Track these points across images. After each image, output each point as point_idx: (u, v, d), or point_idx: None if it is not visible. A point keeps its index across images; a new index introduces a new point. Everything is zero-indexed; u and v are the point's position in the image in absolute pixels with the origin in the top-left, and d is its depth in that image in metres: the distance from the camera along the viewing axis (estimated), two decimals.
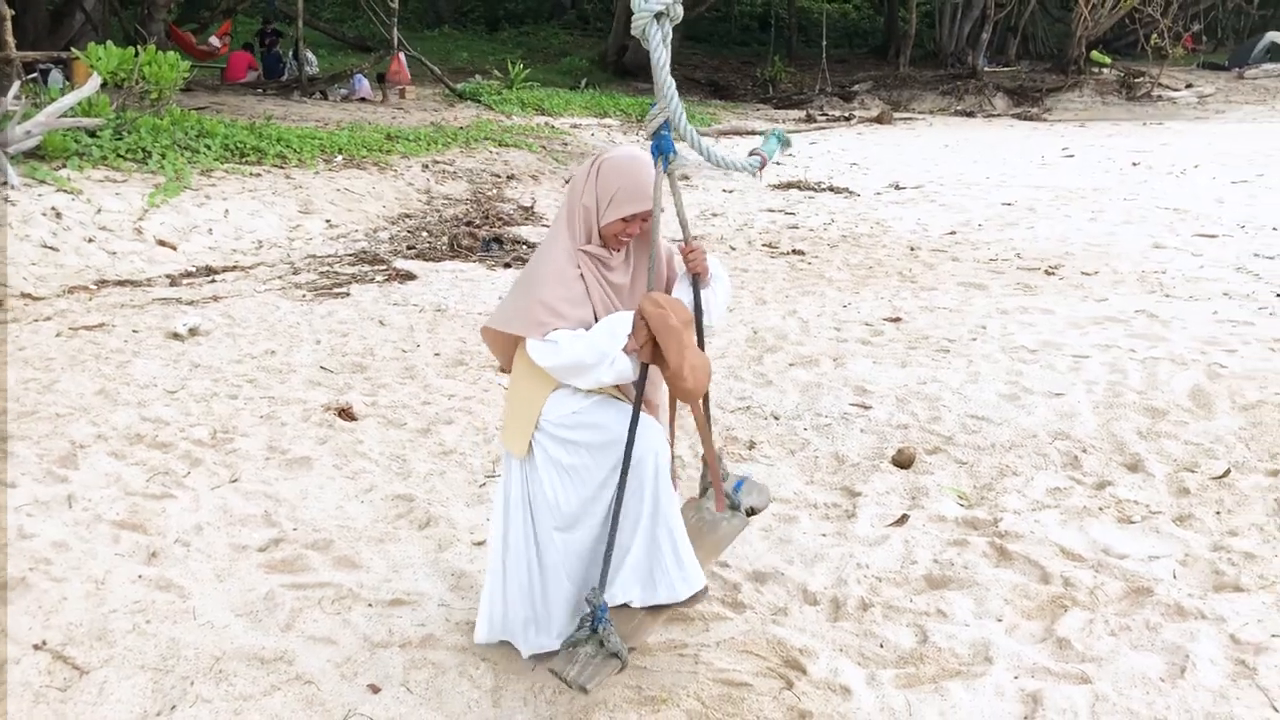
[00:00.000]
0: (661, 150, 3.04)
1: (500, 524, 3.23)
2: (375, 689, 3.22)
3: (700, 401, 3.23)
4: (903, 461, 4.94)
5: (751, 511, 3.56)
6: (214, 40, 22.09)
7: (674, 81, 3.00)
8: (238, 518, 4.38)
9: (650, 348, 2.95)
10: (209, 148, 11.96)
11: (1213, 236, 10.54)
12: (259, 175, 11.82)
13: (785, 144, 3.35)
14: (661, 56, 2.96)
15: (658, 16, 2.94)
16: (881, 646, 3.45)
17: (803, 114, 26.65)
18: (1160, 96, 29.34)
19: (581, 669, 2.90)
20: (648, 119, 3.07)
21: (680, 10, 2.97)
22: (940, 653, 3.40)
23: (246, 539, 4.20)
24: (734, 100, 28.86)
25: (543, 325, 2.96)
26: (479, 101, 21.30)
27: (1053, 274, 9.01)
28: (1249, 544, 4.10)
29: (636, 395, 3.00)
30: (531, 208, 12.56)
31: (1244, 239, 10.39)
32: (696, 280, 3.22)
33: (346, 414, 5.61)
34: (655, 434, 3.11)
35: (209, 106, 16.68)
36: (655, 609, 3.13)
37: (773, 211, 12.70)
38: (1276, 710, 3.06)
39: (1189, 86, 30.26)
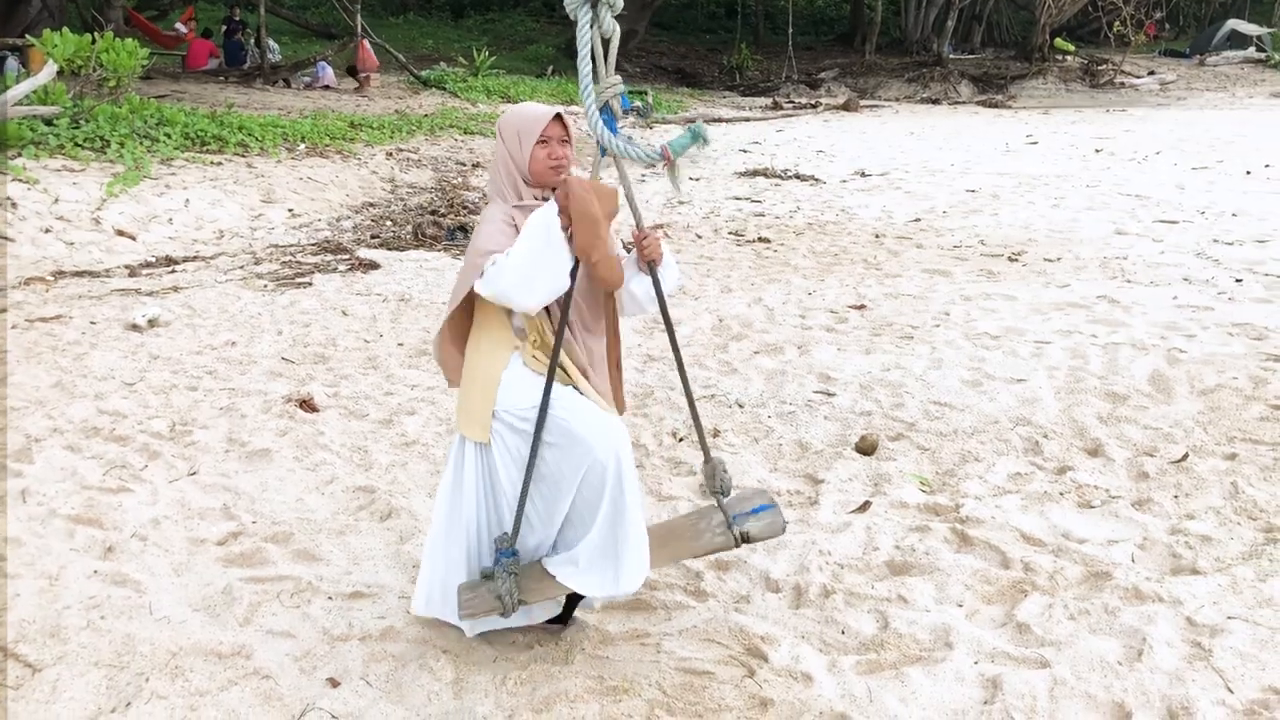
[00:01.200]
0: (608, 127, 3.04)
1: (446, 506, 3.23)
2: (334, 682, 3.19)
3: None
4: (865, 448, 4.95)
5: (745, 538, 3.32)
6: (180, 26, 21.80)
7: (589, 65, 2.98)
8: (196, 511, 4.33)
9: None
10: (169, 136, 11.80)
11: (1173, 223, 10.64)
12: (220, 164, 11.67)
13: (702, 141, 3.12)
14: (587, 39, 2.95)
15: (593, 3, 2.92)
16: (843, 633, 3.46)
17: (770, 101, 26.69)
18: (1123, 84, 29.63)
19: (471, 598, 3.12)
20: (585, 108, 3.03)
21: (610, 27, 2.95)
22: (901, 639, 3.41)
23: (205, 532, 4.15)
24: (701, 88, 28.82)
25: (478, 267, 2.98)
26: (444, 89, 21.16)
27: (1016, 260, 9.06)
28: (1206, 527, 4.14)
29: (555, 344, 3.01)
30: None
31: (1204, 225, 10.49)
32: (652, 267, 3.20)
33: (308, 405, 5.55)
34: (617, 434, 3.11)
35: (170, 95, 16.46)
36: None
37: (739, 199, 12.70)
38: (1231, 691, 3.09)
39: (1151, 74, 30.58)
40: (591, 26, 2.95)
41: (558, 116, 3.09)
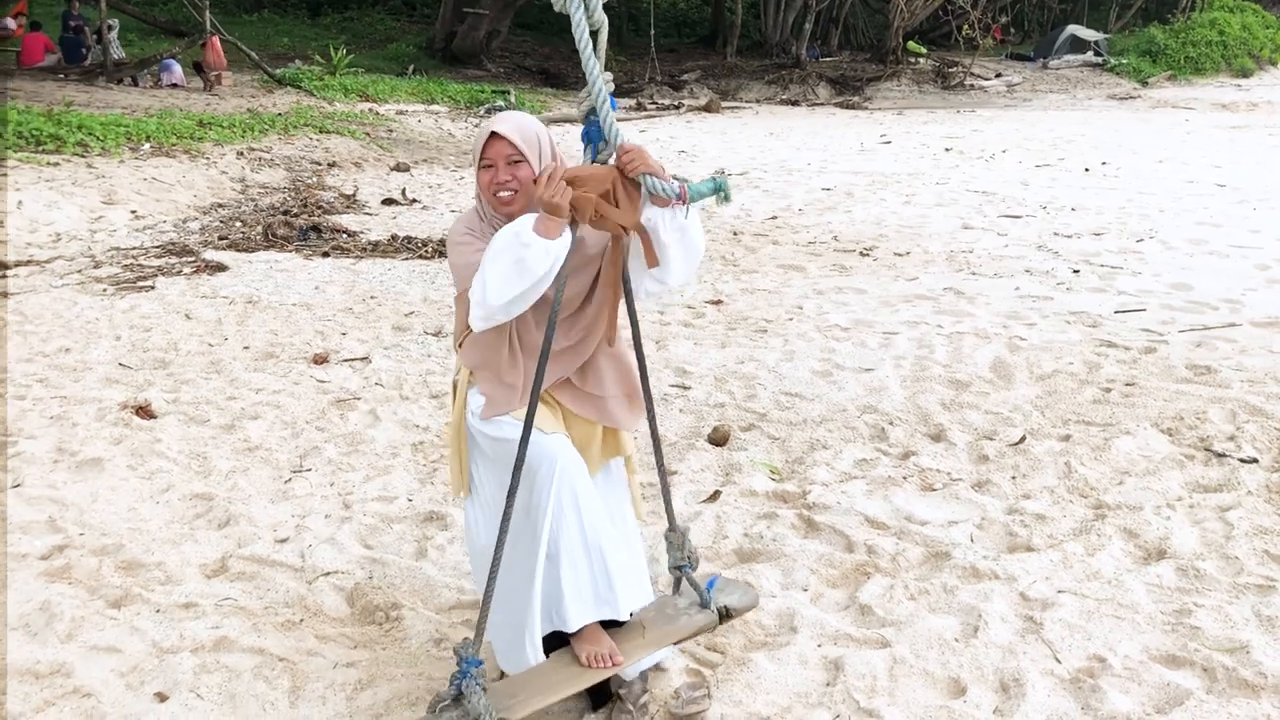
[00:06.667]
0: (590, 139, 2.76)
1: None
2: (162, 697, 3.05)
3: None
4: (718, 439, 4.99)
5: (727, 614, 3.04)
6: (8, 22, 20.71)
7: (598, 66, 2.68)
8: (18, 525, 4.10)
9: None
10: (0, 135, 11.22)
11: (1017, 217, 11.05)
12: (57, 164, 11.17)
13: (724, 196, 2.68)
14: (584, 39, 2.69)
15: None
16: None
17: (633, 102, 26.80)
18: (972, 85, 30.68)
19: None
20: (579, 103, 2.77)
21: (600, 18, 2.70)
22: (747, 624, 3.43)
23: (27, 547, 3.93)
24: (565, 88, 28.72)
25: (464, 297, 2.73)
26: (299, 88, 20.62)
27: (867, 255, 9.27)
28: (1040, 506, 4.29)
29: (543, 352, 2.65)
30: (354, 195, 12.22)
31: (1045, 219, 10.92)
32: (651, 188, 2.66)
33: (144, 412, 5.32)
34: (564, 444, 2.78)
35: (3, 92, 15.66)
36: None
37: None
38: (1059, 661, 3.20)
39: (998, 76, 31.74)
40: (586, 18, 2.69)
41: (494, 135, 2.74)
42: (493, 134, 2.75)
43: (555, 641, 2.84)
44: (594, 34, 2.70)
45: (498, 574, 2.63)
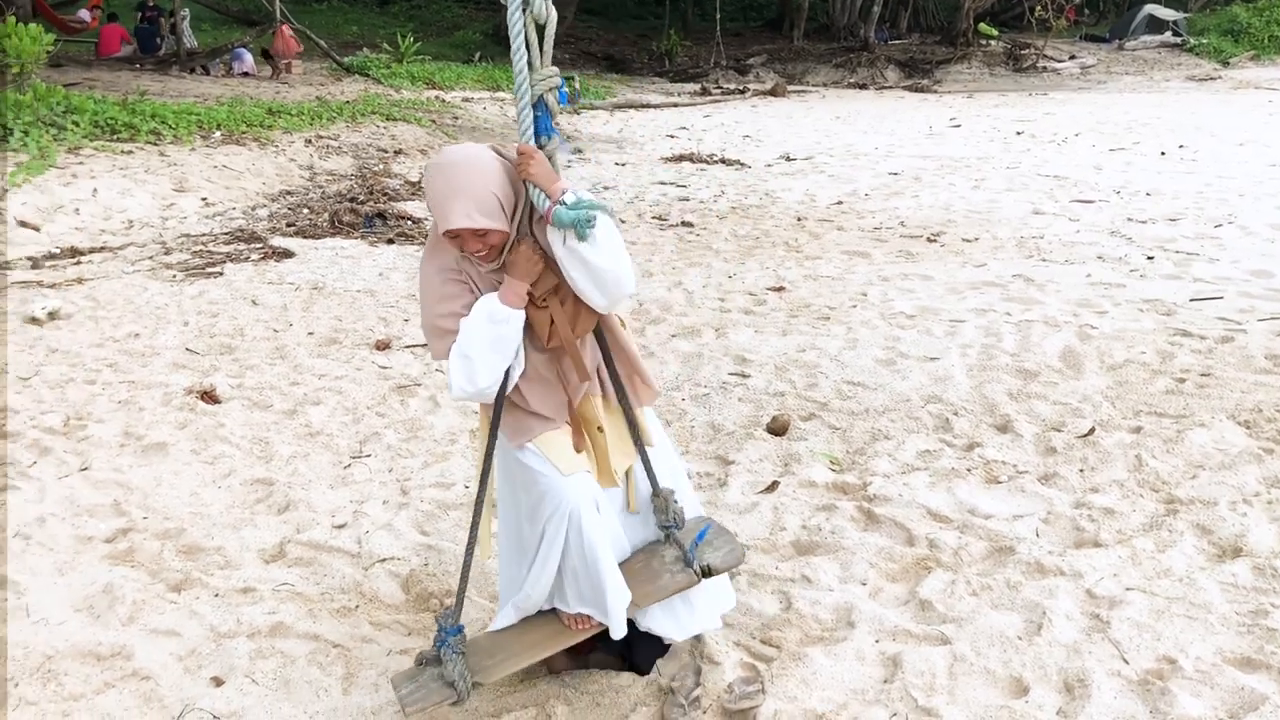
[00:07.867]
0: (535, 130, 2.65)
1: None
2: (218, 681, 3.08)
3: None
4: (777, 429, 4.92)
5: (709, 572, 2.95)
6: (83, 14, 21.16)
7: (525, 59, 2.61)
8: (85, 508, 4.17)
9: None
10: (77, 124, 11.46)
11: (1089, 202, 10.78)
12: (131, 153, 11.36)
13: (578, 232, 2.54)
14: (519, 24, 2.60)
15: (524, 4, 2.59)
16: (745, 614, 3.41)
17: (698, 87, 26.68)
18: (1045, 68, 30.07)
19: (414, 690, 2.70)
20: (518, 105, 2.66)
21: (543, 11, 2.60)
22: (803, 619, 3.37)
23: (92, 530, 4.00)
24: (630, 74, 28.71)
25: (439, 348, 2.71)
26: (367, 75, 20.83)
27: (934, 241, 9.10)
28: (1109, 500, 4.16)
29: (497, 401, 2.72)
30: (419, 182, 12.29)
31: (1119, 204, 10.64)
32: (531, 196, 2.64)
33: (209, 397, 5.39)
34: (575, 487, 2.75)
35: (81, 82, 16.01)
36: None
37: (664, 184, 12.64)
38: (1127, 662, 3.09)
39: (1072, 58, 31.06)
40: (523, 10, 2.57)
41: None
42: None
43: None
44: (541, 28, 2.58)
45: (472, 560, 2.81)
